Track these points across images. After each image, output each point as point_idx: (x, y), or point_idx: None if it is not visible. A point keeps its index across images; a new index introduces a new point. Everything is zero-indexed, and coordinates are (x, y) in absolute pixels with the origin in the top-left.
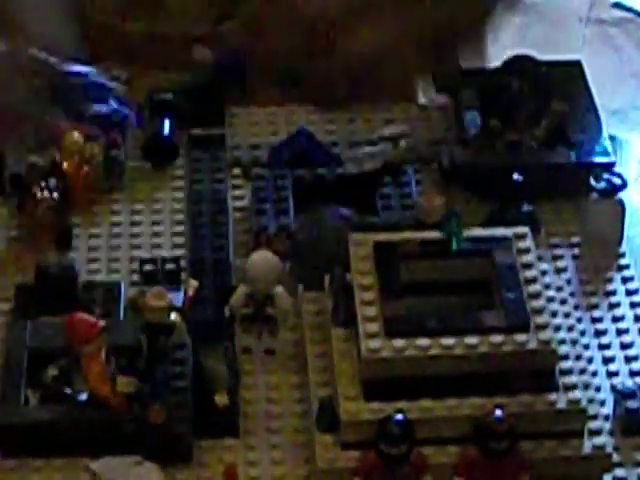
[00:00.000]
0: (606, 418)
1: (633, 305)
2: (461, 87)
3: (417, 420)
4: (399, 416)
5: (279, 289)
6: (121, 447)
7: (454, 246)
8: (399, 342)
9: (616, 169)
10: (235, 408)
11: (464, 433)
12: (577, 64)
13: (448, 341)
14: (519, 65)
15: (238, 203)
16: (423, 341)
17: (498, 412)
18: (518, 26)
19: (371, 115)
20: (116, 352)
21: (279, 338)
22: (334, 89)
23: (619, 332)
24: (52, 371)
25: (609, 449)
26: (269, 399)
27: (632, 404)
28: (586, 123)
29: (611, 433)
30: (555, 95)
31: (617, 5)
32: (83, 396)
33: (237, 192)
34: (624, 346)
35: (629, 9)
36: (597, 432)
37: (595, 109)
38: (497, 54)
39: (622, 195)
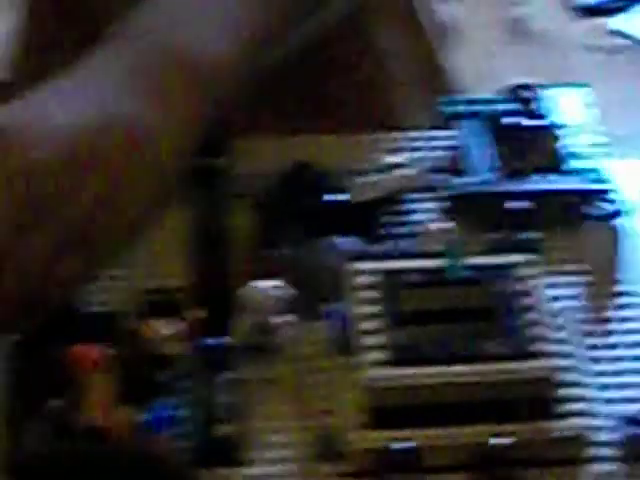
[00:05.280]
0: (607, 444)
1: (629, 332)
2: (461, 117)
3: (422, 448)
4: (405, 445)
5: (281, 319)
6: (123, 478)
7: (455, 274)
8: (403, 370)
9: (612, 196)
10: (236, 438)
11: (469, 461)
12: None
13: (452, 369)
14: (518, 93)
15: (243, 232)
16: (428, 369)
17: (501, 439)
18: (521, 55)
19: (376, 143)
20: (118, 383)
21: (280, 368)
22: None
23: (615, 359)
24: (55, 402)
25: (613, 476)
26: (270, 429)
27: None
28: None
29: (615, 459)
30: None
31: (616, 33)
32: (86, 427)
33: (241, 221)
34: (620, 373)
35: (628, 36)
36: (600, 459)
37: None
38: (499, 82)
39: (622, 221)
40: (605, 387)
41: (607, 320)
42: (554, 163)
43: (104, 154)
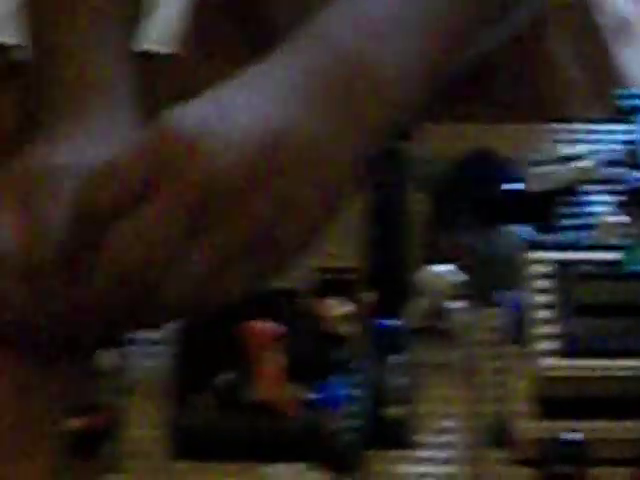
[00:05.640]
0: None
1: None
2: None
3: (590, 440)
4: (572, 436)
5: (455, 304)
6: (291, 454)
7: (631, 268)
8: (576, 362)
9: None
10: (407, 421)
11: (636, 455)
12: None
13: (625, 363)
14: None
15: (417, 217)
16: (600, 362)
17: None
18: None
19: (553, 134)
20: (291, 359)
21: (453, 352)
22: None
23: None
24: (227, 375)
25: None
26: (442, 413)
27: None
28: None
29: None
30: None
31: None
32: (257, 401)
33: (417, 206)
34: None
35: None
36: None
37: None
38: None
39: None
40: None
41: None
42: None
43: (287, 156)
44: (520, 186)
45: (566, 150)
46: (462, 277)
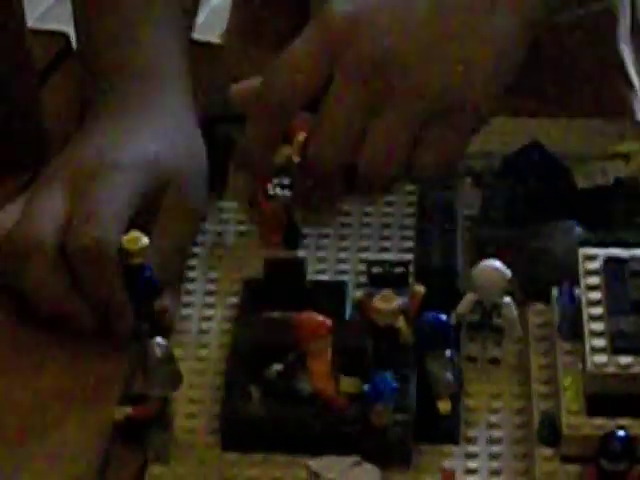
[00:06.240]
0: None
1: None
2: None
3: (639, 438)
4: (621, 433)
5: (506, 299)
6: (341, 447)
7: None
8: (625, 359)
9: None
10: (457, 415)
11: None
12: None
13: None
14: None
15: (467, 211)
16: None
17: None
18: None
19: (604, 130)
20: (341, 352)
21: (504, 348)
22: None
23: None
24: (277, 367)
25: None
26: (491, 408)
27: None
28: None
29: None
30: None
31: None
32: (306, 394)
33: (467, 200)
34: None
35: None
36: None
37: None
38: None
39: None
40: None
41: None
42: None
43: (453, 22)
44: (571, 182)
45: (618, 147)
46: (513, 272)
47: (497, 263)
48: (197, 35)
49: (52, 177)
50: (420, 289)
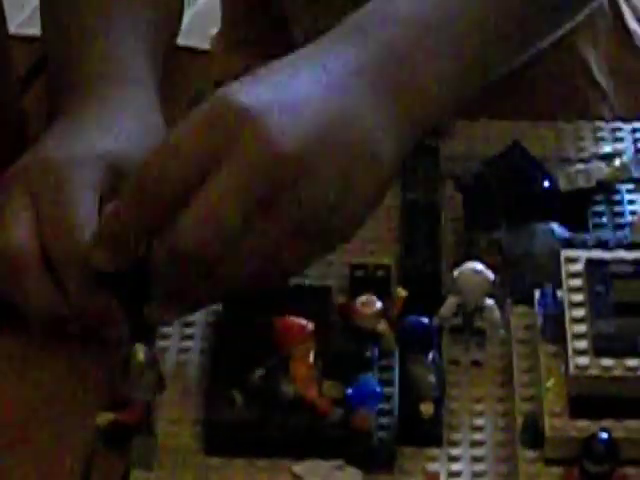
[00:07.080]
0: None
1: None
2: None
3: (622, 440)
4: (604, 435)
5: (489, 302)
6: (324, 451)
7: None
8: (608, 361)
9: None
10: (440, 418)
11: None
12: None
13: None
14: None
15: (450, 214)
16: (632, 361)
17: None
18: None
19: (582, 132)
20: (324, 356)
21: (487, 351)
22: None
23: None
24: (259, 371)
25: None
26: (474, 411)
27: None
28: None
29: None
30: None
31: None
32: (289, 398)
33: (450, 203)
34: None
35: None
36: None
37: None
38: None
39: None
40: None
41: None
42: None
43: (350, 137)
44: (553, 184)
45: (599, 149)
46: (496, 274)
47: (479, 266)
48: (180, 40)
49: (12, 185)
50: (402, 292)
